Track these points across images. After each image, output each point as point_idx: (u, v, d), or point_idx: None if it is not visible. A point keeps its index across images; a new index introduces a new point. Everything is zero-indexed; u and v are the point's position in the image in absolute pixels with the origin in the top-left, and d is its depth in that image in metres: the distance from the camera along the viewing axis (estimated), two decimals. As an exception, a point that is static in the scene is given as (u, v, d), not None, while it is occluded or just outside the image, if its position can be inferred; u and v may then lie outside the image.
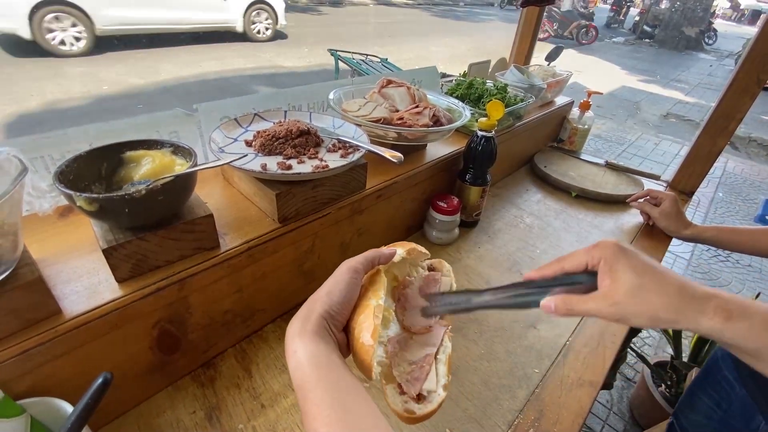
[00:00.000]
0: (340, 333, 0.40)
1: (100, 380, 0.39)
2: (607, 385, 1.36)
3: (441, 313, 0.45)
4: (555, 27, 10.16)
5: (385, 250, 0.46)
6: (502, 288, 0.42)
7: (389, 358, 0.39)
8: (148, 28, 5.30)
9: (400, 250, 0.46)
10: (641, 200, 1.08)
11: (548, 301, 0.40)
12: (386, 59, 4.15)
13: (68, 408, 0.43)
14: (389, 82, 0.89)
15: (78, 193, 0.42)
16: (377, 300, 0.41)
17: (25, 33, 4.40)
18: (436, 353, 0.43)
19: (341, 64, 4.16)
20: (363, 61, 4.09)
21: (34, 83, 3.97)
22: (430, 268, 0.52)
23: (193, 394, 0.58)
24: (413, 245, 0.48)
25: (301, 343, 0.36)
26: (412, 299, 0.48)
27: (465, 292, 0.44)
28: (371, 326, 0.38)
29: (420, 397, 0.39)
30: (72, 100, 3.82)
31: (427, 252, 0.50)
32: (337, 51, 4.16)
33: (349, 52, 4.16)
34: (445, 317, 0.47)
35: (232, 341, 0.65)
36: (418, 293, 0.48)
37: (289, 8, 9.92)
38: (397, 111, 0.83)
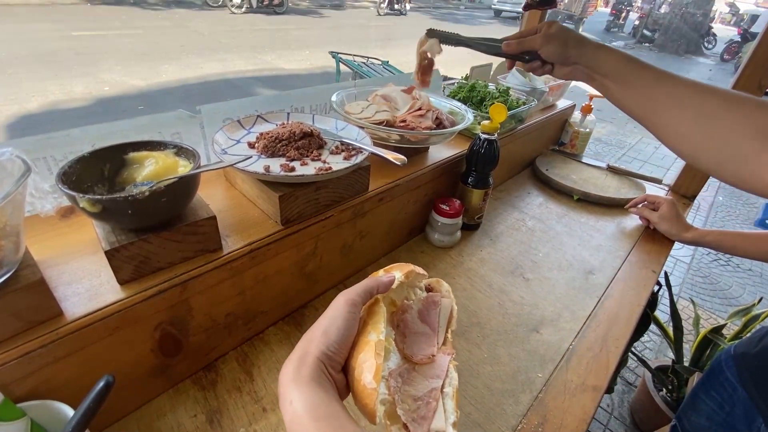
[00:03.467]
0: (339, 374, 0.37)
1: (102, 383, 0.39)
2: (608, 389, 1.35)
3: (438, 36, 0.70)
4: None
5: (383, 277, 0.43)
6: (483, 38, 0.67)
7: (392, 395, 0.36)
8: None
9: (398, 273, 0.44)
10: (640, 206, 1.08)
11: (506, 42, 0.64)
12: (387, 62, 4.16)
13: (69, 411, 0.43)
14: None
15: (81, 195, 0.41)
16: (378, 334, 0.38)
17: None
18: (442, 386, 0.41)
19: (342, 67, 4.17)
20: (364, 63, 4.10)
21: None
22: (428, 289, 0.50)
23: (194, 397, 0.57)
24: (411, 267, 0.46)
25: (298, 392, 0.32)
26: (411, 325, 0.45)
27: (457, 35, 0.69)
28: (373, 366, 0.35)
29: None
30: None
31: (425, 273, 0.48)
32: (338, 53, 4.17)
33: (351, 55, 4.17)
34: (448, 343, 0.45)
35: (233, 344, 0.65)
36: (418, 318, 0.46)
37: (290, 11, 9.97)
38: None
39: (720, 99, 0.46)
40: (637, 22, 12.21)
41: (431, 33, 0.70)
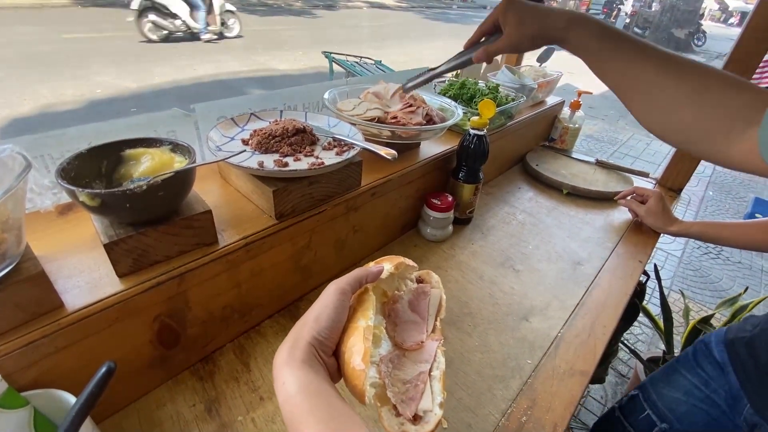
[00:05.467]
0: (330, 358, 0.39)
1: (104, 369, 0.40)
2: (599, 379, 1.38)
3: (415, 87, 0.71)
4: None
5: (372, 267, 0.45)
6: (450, 59, 0.65)
7: (382, 379, 0.38)
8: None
9: (388, 265, 0.46)
10: (628, 198, 1.10)
11: (476, 53, 0.61)
12: (380, 61, 4.18)
13: (71, 399, 0.44)
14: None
15: (81, 189, 0.43)
16: (366, 321, 0.40)
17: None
18: (430, 370, 0.43)
19: (335, 67, 4.19)
20: (357, 63, 4.12)
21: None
22: (419, 280, 0.52)
23: (192, 388, 0.59)
24: (401, 259, 0.48)
25: (290, 373, 0.34)
26: (402, 314, 0.47)
27: (427, 70, 0.69)
28: (362, 349, 0.37)
29: (416, 418, 0.38)
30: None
31: (415, 264, 0.50)
32: (331, 53, 4.18)
33: (344, 54, 4.19)
34: (437, 330, 0.47)
35: (230, 336, 0.66)
36: (408, 308, 0.48)
37: (284, 11, 9.96)
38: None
39: (690, 86, 0.46)
40: (627, 20, 12.31)
41: (407, 89, 0.75)
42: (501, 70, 1.26)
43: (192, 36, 6.47)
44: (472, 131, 0.89)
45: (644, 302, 1.32)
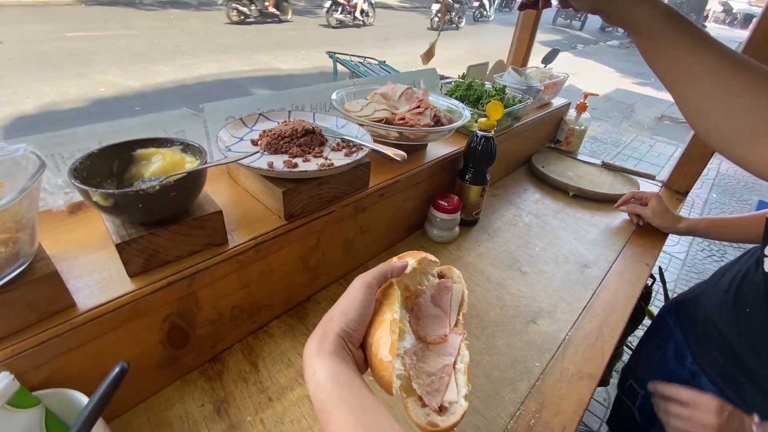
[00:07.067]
0: (357, 350, 0.40)
1: (117, 369, 0.40)
2: (604, 381, 1.37)
3: None
4: None
5: (397, 262, 0.46)
6: None
7: (407, 371, 0.39)
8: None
9: (411, 260, 0.47)
10: (629, 203, 1.08)
11: None
12: (384, 61, 4.18)
13: (83, 399, 0.44)
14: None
15: (94, 189, 0.43)
16: (392, 314, 0.41)
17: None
18: (455, 363, 0.43)
19: (339, 67, 4.19)
20: (361, 63, 4.11)
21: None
22: (440, 276, 0.52)
23: (201, 388, 0.59)
24: (423, 254, 0.49)
25: (321, 363, 0.35)
26: (424, 309, 0.48)
27: None
28: (388, 341, 0.39)
29: (442, 409, 0.39)
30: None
31: (437, 260, 0.51)
32: (335, 53, 4.18)
33: (348, 55, 4.19)
34: (459, 324, 0.48)
35: (238, 336, 0.66)
36: (431, 302, 0.49)
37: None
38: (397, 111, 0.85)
39: (747, 75, 0.44)
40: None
41: None
42: (508, 71, 1.26)
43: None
44: (479, 133, 0.89)
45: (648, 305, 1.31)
